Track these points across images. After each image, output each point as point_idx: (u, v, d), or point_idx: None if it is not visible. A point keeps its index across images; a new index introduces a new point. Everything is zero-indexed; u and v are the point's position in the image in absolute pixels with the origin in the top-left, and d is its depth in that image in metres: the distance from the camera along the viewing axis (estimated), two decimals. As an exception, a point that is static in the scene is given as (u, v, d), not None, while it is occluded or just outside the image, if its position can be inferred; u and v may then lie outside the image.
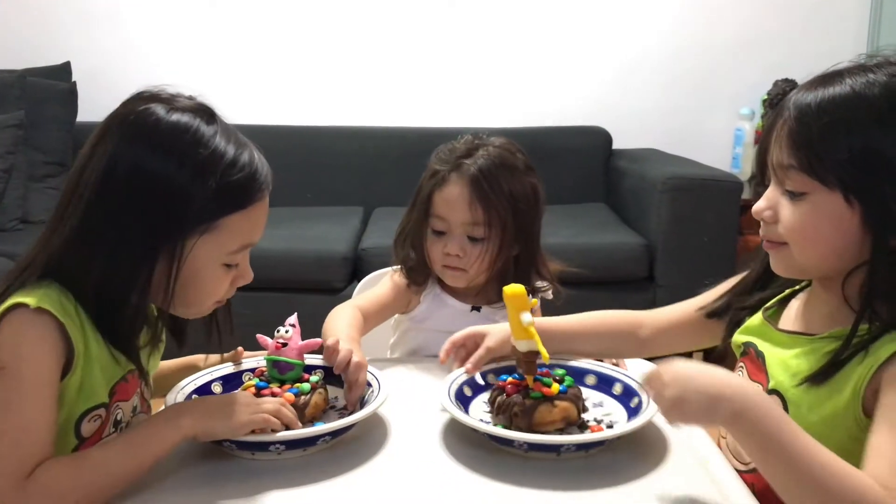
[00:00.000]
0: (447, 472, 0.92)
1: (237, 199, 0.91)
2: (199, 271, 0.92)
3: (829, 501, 0.75)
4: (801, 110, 0.85)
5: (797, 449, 0.76)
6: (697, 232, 2.59)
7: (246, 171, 0.92)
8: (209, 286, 0.95)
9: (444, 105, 3.31)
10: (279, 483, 0.89)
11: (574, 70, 3.37)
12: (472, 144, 1.34)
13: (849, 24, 3.27)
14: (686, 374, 0.82)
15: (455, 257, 1.31)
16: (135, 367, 0.97)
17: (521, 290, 1.00)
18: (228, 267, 0.95)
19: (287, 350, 1.02)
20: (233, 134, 0.94)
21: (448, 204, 1.31)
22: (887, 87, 0.83)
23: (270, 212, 0.97)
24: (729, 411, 0.79)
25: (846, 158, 0.82)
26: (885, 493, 0.74)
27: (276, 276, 2.60)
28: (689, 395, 0.81)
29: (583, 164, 3.23)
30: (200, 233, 0.90)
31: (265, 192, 0.95)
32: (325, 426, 0.95)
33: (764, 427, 0.78)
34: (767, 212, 0.90)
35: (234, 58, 3.34)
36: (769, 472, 0.79)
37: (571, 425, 0.98)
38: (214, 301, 0.98)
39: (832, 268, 0.88)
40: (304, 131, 3.26)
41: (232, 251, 0.93)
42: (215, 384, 1.08)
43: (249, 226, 0.94)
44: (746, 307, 1.03)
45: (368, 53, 3.35)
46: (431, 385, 1.08)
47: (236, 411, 0.89)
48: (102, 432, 0.94)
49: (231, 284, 0.97)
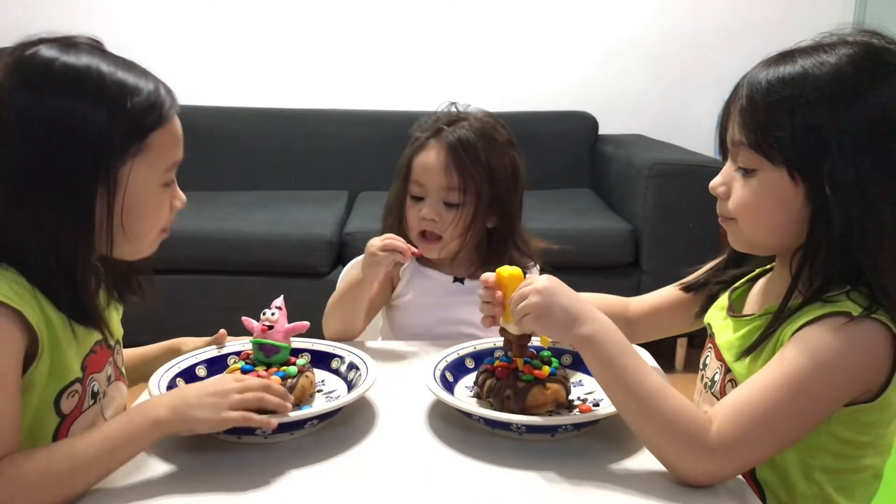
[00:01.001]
0: (438, 455, 0.91)
1: (154, 115, 0.91)
2: (142, 197, 0.91)
3: (660, 421, 0.82)
4: (753, 88, 0.88)
5: (635, 375, 0.85)
6: (683, 218, 2.59)
7: (153, 89, 0.92)
8: (153, 211, 0.95)
9: (430, 89, 3.28)
10: (266, 466, 0.87)
11: (560, 55, 3.36)
12: (454, 115, 1.37)
13: (834, 9, 3.28)
14: (554, 288, 0.91)
15: (430, 221, 1.32)
16: (101, 338, 0.96)
17: (518, 272, 0.99)
18: (166, 187, 0.95)
19: (273, 333, 1.01)
20: (130, 63, 0.94)
21: (426, 169, 1.32)
22: (836, 67, 0.84)
23: (254, 195, 0.98)
24: (581, 332, 0.88)
25: (790, 136, 0.84)
26: (708, 423, 0.81)
27: (261, 260, 2.58)
28: (553, 309, 0.89)
29: (569, 150, 3.22)
30: (132, 156, 0.89)
31: (175, 106, 0.95)
32: (312, 410, 0.94)
33: (608, 351, 0.86)
34: (721, 188, 0.93)
35: (219, 39, 3.30)
36: (610, 392, 0.88)
37: (561, 406, 0.98)
38: (159, 230, 0.98)
39: (780, 244, 0.91)
40: (289, 114, 3.24)
41: (166, 167, 0.94)
42: (200, 367, 1.06)
43: (172, 140, 0.94)
44: (721, 282, 1.07)
45: (354, 36, 3.32)
46: (419, 367, 1.07)
47: (217, 405, 0.87)
48: (82, 406, 0.93)
49: (170, 210, 0.98)
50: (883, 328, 0.83)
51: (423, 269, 1.38)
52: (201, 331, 1.20)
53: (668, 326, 1.19)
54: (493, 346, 1.12)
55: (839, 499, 0.91)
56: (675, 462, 0.82)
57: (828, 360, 0.82)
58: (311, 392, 1.01)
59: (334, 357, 1.10)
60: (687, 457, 0.81)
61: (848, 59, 0.84)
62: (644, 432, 0.85)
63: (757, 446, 0.82)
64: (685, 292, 1.13)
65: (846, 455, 0.90)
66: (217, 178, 3.14)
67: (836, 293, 0.85)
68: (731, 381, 0.95)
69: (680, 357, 2.70)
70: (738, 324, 0.97)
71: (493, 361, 1.03)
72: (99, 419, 0.96)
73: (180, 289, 2.61)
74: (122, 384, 1.04)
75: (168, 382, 1.00)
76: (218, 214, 2.71)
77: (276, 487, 0.84)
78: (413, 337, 1.35)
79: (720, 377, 0.98)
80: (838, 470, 0.90)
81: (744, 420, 0.81)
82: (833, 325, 0.83)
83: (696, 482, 0.82)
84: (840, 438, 0.88)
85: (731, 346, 0.96)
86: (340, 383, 1.06)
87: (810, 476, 0.90)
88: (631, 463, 0.89)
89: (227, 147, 3.17)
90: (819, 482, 0.90)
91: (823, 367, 0.82)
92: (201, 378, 1.05)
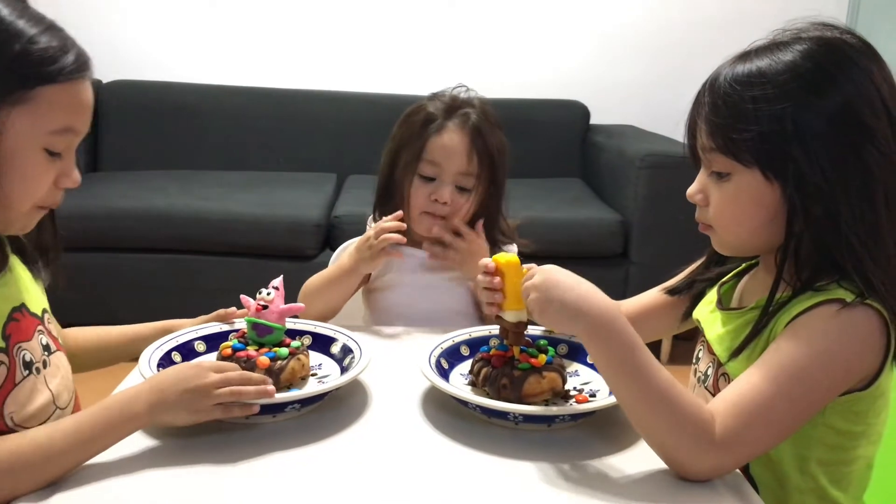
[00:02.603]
0: (433, 444, 0.90)
1: (47, 68, 0.84)
2: (16, 152, 0.83)
3: (666, 417, 0.80)
4: (714, 93, 0.88)
5: (642, 368, 0.81)
6: (672, 210, 2.58)
7: (56, 45, 0.86)
8: (28, 174, 0.85)
9: (421, 73, 3.25)
10: (246, 447, 0.86)
11: (553, 43, 3.34)
12: (465, 99, 1.34)
13: (829, 2, 3.28)
14: (552, 281, 0.87)
15: (442, 205, 1.30)
16: (18, 304, 0.92)
17: (515, 259, 0.97)
18: (51, 155, 0.87)
19: (267, 313, 1.00)
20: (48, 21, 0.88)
21: (446, 151, 1.29)
22: (792, 63, 0.84)
23: (243, 175, 0.94)
24: (586, 325, 0.84)
25: (757, 136, 0.84)
26: (713, 418, 0.80)
27: (248, 242, 2.56)
28: (552, 303, 0.86)
29: (560, 138, 3.21)
30: (11, 104, 0.83)
31: (84, 73, 0.88)
32: (295, 393, 0.92)
33: (615, 344, 0.83)
34: (699, 195, 0.93)
35: (209, 17, 3.25)
36: (615, 386, 0.85)
37: (557, 395, 0.97)
38: (36, 202, 0.88)
39: (763, 243, 0.90)
40: (280, 94, 3.20)
41: (53, 129, 0.85)
42: (198, 342, 1.05)
43: (70, 104, 0.87)
44: (706, 279, 1.06)
45: (347, 17, 3.28)
46: (414, 353, 1.05)
47: (195, 402, 0.85)
48: (14, 378, 0.89)
49: (55, 185, 0.89)
50: (876, 314, 0.83)
51: (398, 246, 1.35)
52: (186, 311, 1.19)
53: (655, 330, 1.17)
54: (489, 333, 1.10)
55: (833, 491, 0.91)
56: (680, 457, 0.81)
57: (824, 348, 0.82)
58: (304, 375, 1.00)
59: (334, 341, 1.09)
60: (692, 453, 0.80)
61: (804, 55, 0.84)
62: (648, 427, 0.83)
63: (759, 438, 0.81)
64: (670, 295, 1.12)
65: (841, 446, 0.90)
66: (205, 157, 3.10)
67: (826, 282, 0.85)
68: (724, 375, 0.95)
69: (665, 350, 2.70)
70: (727, 317, 0.97)
71: (489, 350, 1.02)
72: (42, 390, 0.93)
73: (165, 268, 2.58)
74: (62, 355, 1.00)
75: (160, 358, 0.98)
76: (205, 194, 2.68)
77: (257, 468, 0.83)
78: (398, 315, 1.34)
79: (713, 371, 0.98)
80: (833, 462, 0.90)
81: (745, 413, 0.80)
82: (827, 312, 0.82)
83: (699, 477, 0.82)
84: (835, 429, 0.88)
85: (722, 340, 0.96)
86: (336, 368, 1.05)
87: (805, 469, 0.90)
88: (627, 454, 0.88)
89: (216, 126, 3.13)
90: (813, 475, 0.90)
91: (821, 356, 0.81)
92: (200, 353, 1.04)
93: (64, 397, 0.97)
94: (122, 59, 3.19)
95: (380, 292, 1.38)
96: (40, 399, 0.91)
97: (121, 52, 3.19)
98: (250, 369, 0.93)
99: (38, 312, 0.97)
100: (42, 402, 0.92)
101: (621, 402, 0.85)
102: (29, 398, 0.89)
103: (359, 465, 0.85)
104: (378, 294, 1.38)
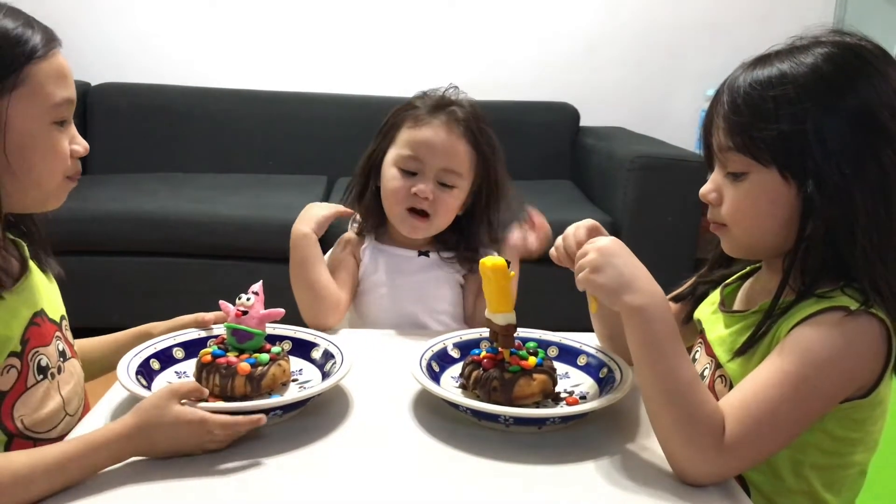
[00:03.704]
0: (422, 447, 0.90)
1: (27, 48, 0.88)
2: (30, 133, 0.89)
3: (679, 414, 0.80)
4: (734, 92, 0.88)
5: (670, 360, 0.81)
6: (662, 211, 2.59)
7: (21, 24, 0.90)
8: (48, 150, 0.91)
9: (411, 75, 3.25)
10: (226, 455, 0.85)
11: (542, 45, 3.35)
12: (454, 98, 1.33)
13: (816, 4, 3.30)
14: (614, 250, 0.87)
15: (424, 200, 1.27)
16: (40, 309, 0.94)
17: (502, 263, 0.97)
18: (59, 126, 0.92)
19: (247, 319, 0.98)
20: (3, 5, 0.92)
21: (428, 145, 1.27)
22: (813, 66, 0.85)
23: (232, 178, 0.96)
24: (630, 301, 0.84)
25: (776, 135, 0.84)
26: (723, 424, 0.80)
27: (238, 245, 2.55)
28: (607, 269, 0.86)
29: (550, 140, 3.21)
30: (8, 90, 0.87)
31: (57, 42, 0.93)
32: (276, 399, 0.92)
33: (652, 329, 0.83)
34: (713, 194, 0.93)
35: (198, 20, 3.24)
36: (640, 369, 0.85)
37: (547, 398, 0.97)
38: (61, 174, 0.93)
39: (777, 245, 0.90)
40: (269, 96, 3.19)
41: (53, 103, 0.90)
42: (177, 349, 1.04)
43: (58, 74, 0.91)
44: (709, 281, 1.07)
45: (337, 19, 3.28)
46: (401, 357, 1.05)
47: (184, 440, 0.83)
48: (26, 381, 0.90)
49: (71, 156, 0.94)
50: (878, 323, 0.83)
51: (384, 247, 1.36)
52: (177, 315, 1.17)
53: None
54: (479, 336, 1.10)
55: (826, 494, 0.91)
56: (682, 458, 0.81)
57: (828, 356, 0.82)
58: (285, 381, 0.99)
59: (315, 346, 1.08)
60: (696, 456, 0.80)
61: (825, 58, 0.85)
62: (660, 420, 0.83)
63: (762, 444, 0.81)
64: (674, 303, 1.11)
65: (837, 452, 0.90)
66: (194, 159, 3.09)
67: (830, 289, 0.85)
68: (721, 377, 0.95)
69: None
70: (729, 319, 0.97)
71: (479, 352, 1.01)
72: (54, 396, 0.94)
73: (155, 271, 2.57)
74: (76, 362, 1.02)
75: (139, 366, 0.97)
76: (195, 196, 2.66)
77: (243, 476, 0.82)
78: (388, 317, 1.33)
79: (710, 373, 0.98)
80: (828, 466, 0.90)
81: (749, 419, 0.80)
82: (831, 320, 0.83)
83: (699, 479, 0.81)
84: (832, 436, 0.88)
85: (724, 342, 0.96)
86: (317, 373, 1.04)
87: (799, 472, 0.90)
88: (618, 457, 0.88)
89: (205, 128, 3.12)
90: (807, 477, 0.90)
91: (824, 364, 0.82)
92: (179, 360, 1.03)
93: (74, 404, 0.98)
94: (110, 61, 3.18)
95: (368, 294, 1.36)
96: (51, 404, 0.93)
97: (108, 54, 3.18)
98: (231, 376, 0.93)
99: (57, 319, 0.99)
100: (53, 407, 0.93)
101: (642, 388, 0.85)
102: (41, 403, 0.91)
103: (347, 470, 0.85)
104: (366, 296, 1.36)
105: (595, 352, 1.08)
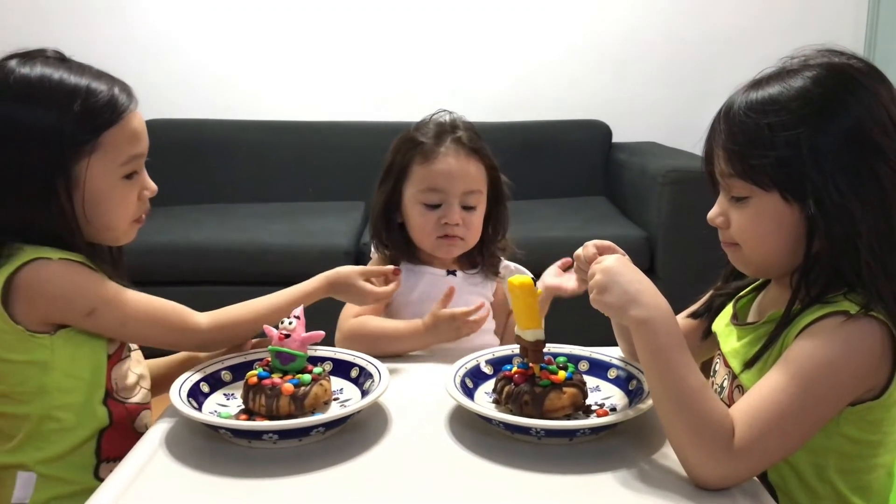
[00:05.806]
0: (457, 460, 0.93)
1: (105, 116, 1.00)
2: (103, 189, 1.02)
3: (690, 421, 0.83)
4: (729, 120, 0.92)
5: (679, 368, 0.84)
6: (697, 224, 2.55)
7: (105, 92, 1.00)
8: (118, 203, 1.04)
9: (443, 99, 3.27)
10: (274, 471, 0.89)
11: (573, 64, 3.38)
12: (449, 119, 1.40)
13: (847, 16, 3.28)
14: (616, 268, 0.92)
15: (455, 226, 1.34)
16: None
17: (529, 281, 1.01)
18: (129, 178, 1.04)
19: (290, 341, 1.03)
20: (87, 68, 1.03)
21: (447, 176, 1.33)
22: (802, 89, 0.88)
23: (273, 207, 1.05)
24: (636, 315, 0.88)
25: (775, 162, 0.87)
26: (732, 428, 0.82)
27: (279, 271, 2.60)
28: (613, 288, 0.90)
29: (583, 158, 3.24)
30: (87, 154, 0.98)
31: (131, 105, 1.04)
32: (319, 416, 0.96)
33: (660, 340, 0.86)
34: (720, 218, 0.97)
35: (234, 54, 3.35)
36: (652, 382, 0.88)
37: (578, 410, 1.00)
38: (130, 218, 1.08)
39: (787, 263, 0.92)
40: (304, 126, 3.27)
41: (123, 162, 1.03)
42: (224, 372, 1.10)
43: (128, 136, 1.03)
44: (724, 294, 1.09)
45: (368, 49, 3.36)
46: (435, 375, 1.09)
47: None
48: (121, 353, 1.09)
49: (140, 199, 1.08)
50: (880, 325, 0.85)
51: (414, 267, 1.40)
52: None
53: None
54: (511, 353, 1.14)
55: (854, 499, 0.92)
56: (695, 463, 0.84)
57: (829, 359, 0.84)
58: (326, 400, 1.03)
59: (353, 366, 1.13)
60: (707, 460, 0.82)
61: (813, 81, 0.88)
62: (672, 427, 0.86)
63: (771, 448, 0.84)
64: (693, 319, 1.14)
65: (858, 455, 0.91)
66: (235, 190, 3.18)
67: (833, 295, 0.87)
68: (739, 387, 0.97)
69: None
70: (741, 332, 1.00)
71: (510, 368, 1.05)
72: (129, 374, 1.09)
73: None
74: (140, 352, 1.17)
75: (190, 388, 1.03)
76: (237, 226, 2.75)
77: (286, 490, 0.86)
78: None
79: (728, 384, 1.00)
80: (851, 470, 0.92)
81: (757, 424, 0.82)
82: (832, 324, 0.85)
83: (711, 483, 0.84)
84: (850, 439, 0.90)
85: (737, 354, 0.98)
86: (357, 391, 1.08)
87: (823, 477, 0.91)
88: (648, 467, 0.90)
89: (245, 160, 3.22)
90: (833, 482, 0.91)
91: (826, 366, 0.84)
92: (226, 383, 1.09)
93: (147, 381, 1.14)
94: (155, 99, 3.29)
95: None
96: (132, 377, 1.11)
97: (154, 92, 3.29)
98: (276, 396, 0.97)
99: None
100: (133, 379, 1.11)
101: (653, 397, 0.89)
102: (126, 374, 1.09)
103: (386, 483, 0.88)
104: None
105: (624, 365, 1.10)
